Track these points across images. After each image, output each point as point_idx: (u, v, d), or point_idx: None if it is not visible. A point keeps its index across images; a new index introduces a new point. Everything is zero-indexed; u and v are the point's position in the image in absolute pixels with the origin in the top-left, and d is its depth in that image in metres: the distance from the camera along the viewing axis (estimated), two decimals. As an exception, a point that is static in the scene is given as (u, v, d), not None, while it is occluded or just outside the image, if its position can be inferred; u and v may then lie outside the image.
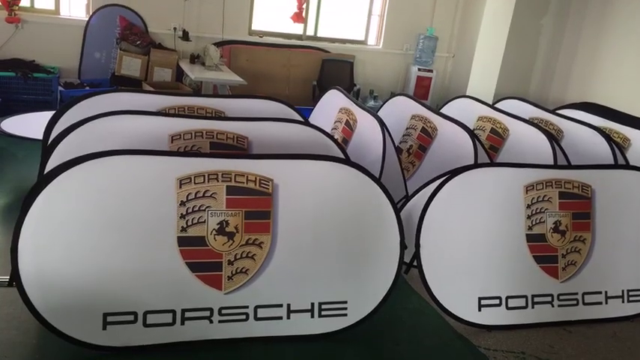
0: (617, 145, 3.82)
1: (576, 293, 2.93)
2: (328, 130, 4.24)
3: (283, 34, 6.89)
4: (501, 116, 4.17)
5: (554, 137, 3.66)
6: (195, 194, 2.33)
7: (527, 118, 4.53)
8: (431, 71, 7.16)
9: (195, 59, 5.99)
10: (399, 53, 7.29)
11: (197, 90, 5.67)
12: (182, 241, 2.31)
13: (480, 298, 2.75)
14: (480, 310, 2.75)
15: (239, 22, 6.53)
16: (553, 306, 2.87)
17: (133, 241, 2.25)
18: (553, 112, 4.48)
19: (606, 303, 2.98)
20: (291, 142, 3.12)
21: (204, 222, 2.34)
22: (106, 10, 6.02)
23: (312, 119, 4.65)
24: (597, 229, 2.97)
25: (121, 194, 2.22)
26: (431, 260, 2.69)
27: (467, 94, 5.28)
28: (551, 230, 2.89)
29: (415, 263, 2.69)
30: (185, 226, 2.31)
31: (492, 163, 2.82)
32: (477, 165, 2.75)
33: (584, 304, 2.93)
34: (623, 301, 3.02)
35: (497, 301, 2.78)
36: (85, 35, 6.00)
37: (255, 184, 2.41)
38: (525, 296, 2.83)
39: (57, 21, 5.95)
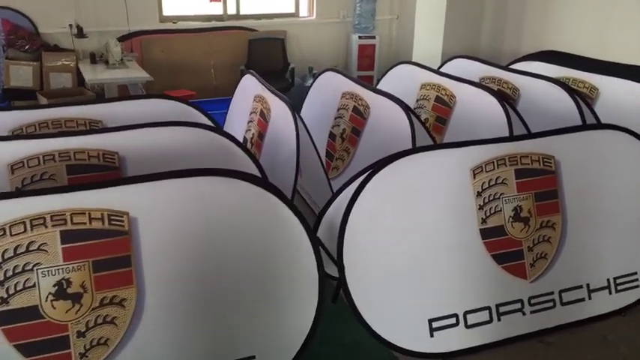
0: (582, 97, 3.30)
1: (551, 293, 2.42)
2: (244, 125, 3.67)
3: (201, 16, 6.21)
4: (446, 81, 3.63)
5: (505, 98, 3.13)
6: (15, 250, 1.73)
7: (478, 78, 4.03)
8: (373, 37, 6.57)
9: (97, 58, 5.31)
10: (336, 22, 6.68)
11: (100, 94, 5.00)
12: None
13: (430, 320, 2.22)
14: (432, 335, 2.22)
15: (146, 9, 5.83)
16: (524, 314, 2.36)
17: None
18: (506, 67, 3.95)
19: (590, 298, 2.48)
20: (181, 152, 2.56)
21: (34, 287, 1.75)
22: (-16, 14, 5.28)
23: (229, 114, 4.08)
24: (568, 208, 2.45)
25: None
26: (360, 282, 2.15)
27: (411, 60, 4.73)
28: (511, 219, 2.37)
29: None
30: None
31: (423, 147, 2.27)
32: (403, 153, 2.20)
33: (563, 304, 2.43)
34: (610, 292, 2.52)
35: (453, 320, 2.25)
36: (-35, 47, 5.27)
37: (103, 223, 1.83)
38: (488, 307, 2.31)
39: None
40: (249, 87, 3.73)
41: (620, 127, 2.54)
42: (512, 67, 4.49)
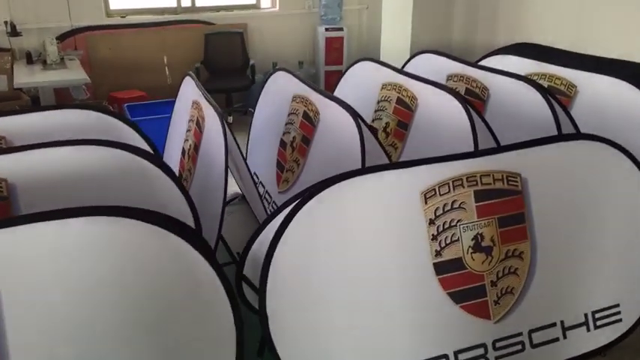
0: (558, 96, 2.99)
1: (520, 334, 2.11)
2: (184, 134, 3.32)
3: (152, 9, 5.84)
4: (407, 81, 3.30)
5: (469, 102, 2.80)
6: None
7: (445, 76, 3.71)
8: (341, 29, 6.23)
9: (34, 58, 4.92)
10: (301, 13, 6.33)
11: (37, 98, 4.63)
12: None
13: (375, 376, 1.91)
14: (377, 393, 1.90)
15: (91, 2, 5.45)
16: (488, 361, 2.05)
17: None
18: (475, 64, 3.62)
19: (565, 337, 2.18)
20: (89, 178, 2.21)
21: None
22: None
23: (172, 121, 3.73)
24: (538, 233, 2.14)
25: None
26: (288, 333, 1.82)
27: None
28: (471, 250, 2.05)
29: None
30: None
31: (362, 170, 1.94)
32: (337, 178, 1.86)
33: (534, 346, 2.12)
34: (588, 329, 2.22)
35: (402, 374, 1.94)
36: None
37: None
38: (445, 356, 2.00)
39: None
40: (189, 91, 3.38)
41: (599, 137, 2.22)
42: (485, 61, 4.20)
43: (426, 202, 1.99)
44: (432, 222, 2.00)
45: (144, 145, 2.71)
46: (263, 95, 3.87)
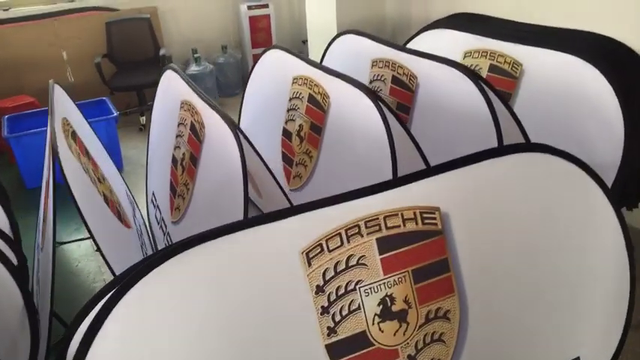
0: (493, 87, 2.47)
1: (450, 420, 1.64)
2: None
3: (42, -2, 5.16)
4: (318, 74, 2.78)
5: (382, 101, 2.28)
6: None
7: (370, 61, 3.21)
8: (266, 6, 5.62)
9: None
10: (220, -10, 5.71)
11: None
12: None
13: None
14: None
15: (-36, -5, 4.75)
16: None
17: None
18: (402, 47, 3.09)
19: (510, 413, 1.71)
20: None
21: None
22: None
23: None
24: (469, 284, 1.66)
25: None
26: None
27: (278, 44, 3.85)
28: (378, 319, 1.56)
29: None
30: None
31: (211, 233, 1.41)
32: (176, 249, 1.33)
33: None
34: (540, 397, 1.76)
35: None
36: None
37: None
38: None
39: None
40: (57, 105, 2.78)
41: (550, 147, 1.71)
42: (420, 38, 3.70)
43: (309, 264, 1.48)
44: (320, 290, 1.50)
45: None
46: (157, 99, 3.31)
